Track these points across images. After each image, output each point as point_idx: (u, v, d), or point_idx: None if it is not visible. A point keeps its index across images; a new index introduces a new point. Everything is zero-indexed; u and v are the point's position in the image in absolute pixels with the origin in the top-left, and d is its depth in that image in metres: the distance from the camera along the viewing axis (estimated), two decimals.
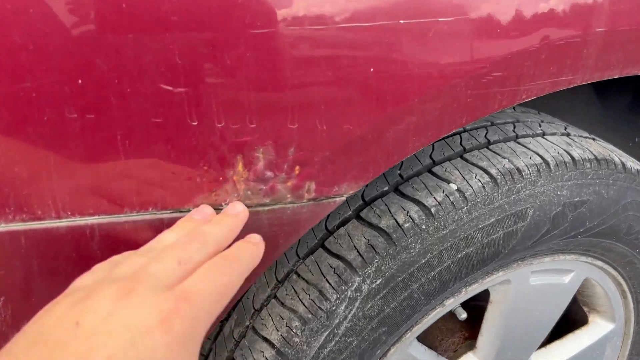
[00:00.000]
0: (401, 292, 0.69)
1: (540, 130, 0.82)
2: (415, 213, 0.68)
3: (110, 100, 0.43)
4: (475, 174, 0.72)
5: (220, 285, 0.43)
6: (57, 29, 0.40)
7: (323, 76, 0.48)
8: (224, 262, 0.45)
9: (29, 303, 0.48)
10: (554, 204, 0.75)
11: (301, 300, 0.69)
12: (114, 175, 0.45)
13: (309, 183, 0.52)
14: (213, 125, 0.46)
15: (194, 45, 0.43)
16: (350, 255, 0.68)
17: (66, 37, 0.40)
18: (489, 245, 0.72)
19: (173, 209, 0.48)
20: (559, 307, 0.91)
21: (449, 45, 0.51)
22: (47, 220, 0.45)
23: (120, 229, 0.47)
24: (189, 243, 0.45)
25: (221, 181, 0.49)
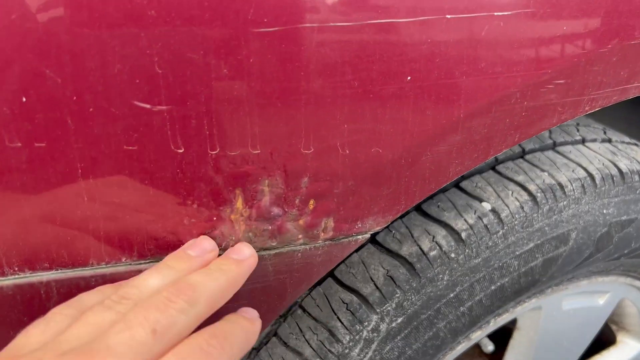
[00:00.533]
0: (425, 332, 0.59)
1: (579, 136, 0.72)
2: (443, 238, 0.58)
3: (67, 123, 0.32)
4: (512, 190, 0.61)
5: None
6: None
7: (347, 86, 0.37)
8: (210, 342, 0.35)
9: None
10: (599, 224, 0.65)
11: (307, 341, 0.58)
12: (74, 219, 0.34)
13: (326, 220, 0.41)
14: (204, 152, 0.35)
15: (178, 48, 0.32)
16: (366, 289, 0.58)
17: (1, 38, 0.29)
18: (526, 274, 0.62)
19: (153, 259, 0.37)
20: (591, 332, 0.82)
21: (505, 46, 0.40)
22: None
23: (84, 285, 0.36)
24: (171, 301, 0.34)
25: (215, 222, 0.38)
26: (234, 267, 0.38)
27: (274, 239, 0.40)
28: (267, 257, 0.41)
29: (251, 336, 0.39)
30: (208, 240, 0.40)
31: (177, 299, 0.34)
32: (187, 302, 0.35)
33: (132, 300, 0.35)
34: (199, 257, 0.38)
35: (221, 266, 0.38)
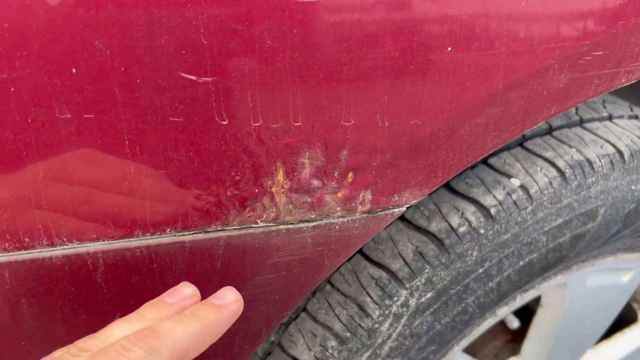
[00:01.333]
0: (454, 307, 0.60)
1: (606, 113, 0.71)
2: (472, 215, 0.58)
3: (115, 95, 0.32)
4: (540, 166, 0.61)
5: None
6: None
7: (387, 58, 0.37)
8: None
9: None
10: (628, 200, 0.65)
11: (337, 316, 0.59)
12: (120, 190, 0.35)
13: (365, 192, 0.41)
14: (248, 124, 0.35)
15: (224, 19, 0.32)
16: (395, 265, 0.58)
17: (48, 11, 0.29)
18: (554, 250, 0.62)
19: (197, 230, 0.38)
20: (614, 309, 0.82)
21: (543, 17, 0.40)
22: (38, 248, 0.35)
23: (130, 256, 0.37)
24: (127, 349, 0.32)
25: (257, 193, 0.38)
26: (211, 314, 0.35)
27: (313, 211, 0.40)
28: (305, 230, 0.41)
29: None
30: (189, 287, 0.37)
31: (134, 347, 0.32)
32: (146, 351, 0.32)
33: (90, 351, 0.32)
34: (176, 304, 0.36)
35: (197, 312, 0.35)
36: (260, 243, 0.40)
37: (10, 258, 0.35)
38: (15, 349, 0.39)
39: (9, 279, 0.35)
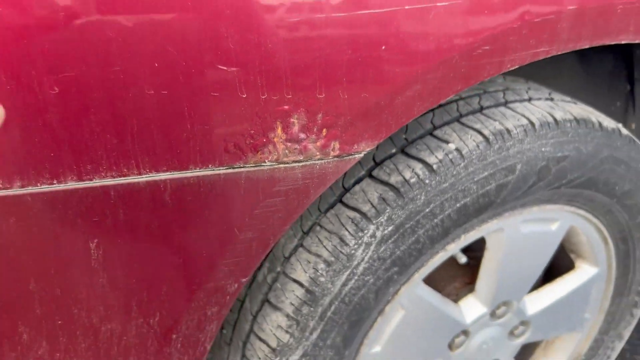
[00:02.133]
0: (409, 237, 0.82)
1: (527, 96, 0.94)
2: (420, 170, 0.80)
3: (179, 79, 0.54)
4: (471, 134, 0.83)
5: None
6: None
7: (345, 55, 0.59)
8: None
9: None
10: (539, 159, 0.87)
11: (325, 247, 0.81)
12: (182, 139, 0.57)
13: (334, 142, 0.63)
14: (258, 97, 0.58)
15: (242, 32, 0.55)
16: (365, 207, 0.80)
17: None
18: (484, 196, 0.84)
19: (227, 166, 0.60)
20: (548, 252, 1.04)
21: (446, 25, 0.62)
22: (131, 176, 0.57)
23: (186, 182, 0.59)
24: None
25: (265, 142, 0.60)
26: None
27: (301, 155, 0.63)
28: (297, 168, 0.63)
29: None
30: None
31: None
32: None
33: None
34: None
35: None
36: (268, 176, 0.62)
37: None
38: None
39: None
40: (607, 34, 0.74)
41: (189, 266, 0.64)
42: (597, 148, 0.93)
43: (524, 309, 1.09)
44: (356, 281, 0.81)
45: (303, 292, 0.81)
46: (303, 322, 0.81)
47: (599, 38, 0.73)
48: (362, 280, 0.82)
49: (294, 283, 0.82)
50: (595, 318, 1.23)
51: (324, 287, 0.80)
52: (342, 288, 0.81)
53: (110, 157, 0.55)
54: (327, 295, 0.81)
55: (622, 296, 1.20)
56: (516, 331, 1.12)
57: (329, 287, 0.80)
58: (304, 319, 0.81)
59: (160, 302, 0.65)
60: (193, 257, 0.64)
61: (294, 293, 0.81)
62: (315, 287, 0.80)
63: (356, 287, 0.82)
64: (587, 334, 1.25)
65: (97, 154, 0.55)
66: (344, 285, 0.81)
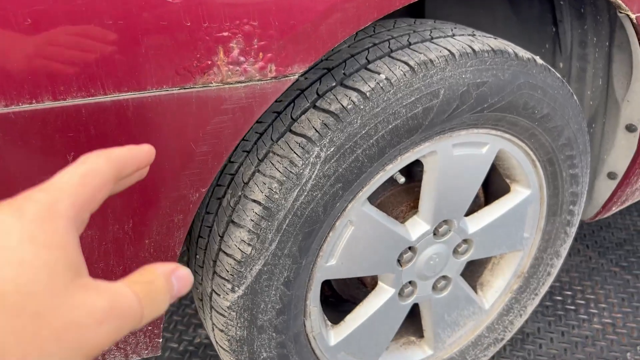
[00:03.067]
0: (349, 156, 0.94)
1: (451, 33, 1.06)
2: (355, 97, 0.93)
3: (133, 11, 0.66)
4: (398, 65, 0.96)
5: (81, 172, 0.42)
6: None
7: None
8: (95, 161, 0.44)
9: None
10: (460, 84, 1.00)
11: (277, 169, 0.93)
12: (140, 63, 0.69)
13: (271, 65, 0.75)
14: (200, 24, 0.69)
15: None
16: (310, 133, 0.92)
17: None
18: (412, 118, 0.97)
19: (179, 86, 0.72)
20: (480, 174, 1.17)
21: None
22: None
23: (146, 101, 0.71)
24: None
25: (210, 65, 0.72)
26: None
27: (243, 76, 0.74)
28: (240, 88, 0.75)
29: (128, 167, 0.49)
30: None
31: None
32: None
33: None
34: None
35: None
36: (215, 95, 0.74)
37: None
38: None
39: None
40: None
41: (155, 177, 0.76)
42: (513, 75, 1.06)
43: (465, 228, 1.23)
44: (306, 196, 0.94)
45: (261, 209, 0.93)
46: (262, 235, 0.94)
47: None
48: (311, 196, 0.94)
49: (253, 202, 0.94)
50: (534, 237, 1.37)
51: (279, 203, 0.93)
52: (294, 203, 0.93)
53: (79, 79, 0.67)
54: (282, 210, 0.93)
55: (556, 215, 1.35)
56: (459, 249, 1.25)
57: (283, 203, 0.93)
58: (263, 232, 0.94)
59: (132, 209, 0.77)
60: (158, 168, 0.75)
61: (253, 211, 0.94)
62: (271, 203, 0.93)
63: (306, 201, 0.94)
64: (527, 253, 1.40)
65: (68, 77, 0.66)
66: (296, 200, 0.93)
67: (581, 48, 1.37)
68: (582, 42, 1.35)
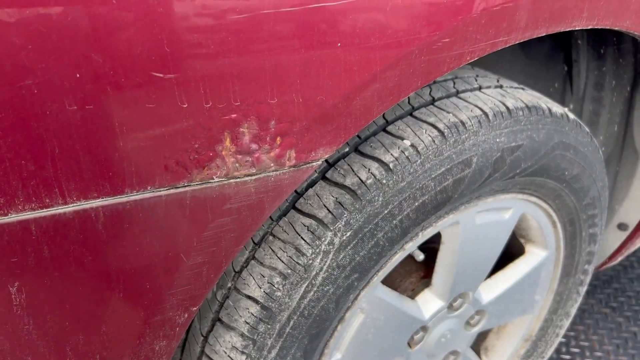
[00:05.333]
0: (369, 241, 0.77)
1: (477, 85, 0.91)
2: (376, 170, 0.75)
3: (106, 90, 0.46)
4: (425, 129, 0.79)
5: None
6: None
7: (298, 54, 0.52)
8: None
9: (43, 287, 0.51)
10: (494, 150, 0.84)
11: (280, 258, 0.75)
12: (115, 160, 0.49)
13: (290, 151, 0.57)
14: (201, 106, 0.50)
15: (179, 32, 0.47)
16: (321, 213, 0.74)
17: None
18: (441, 192, 0.81)
19: (169, 186, 0.52)
20: (501, 241, 1.03)
21: (404, 17, 0.57)
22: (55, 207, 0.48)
23: (122, 208, 0.51)
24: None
25: (211, 157, 0.53)
26: None
27: (254, 167, 0.56)
28: (249, 182, 0.56)
29: None
30: None
31: None
32: None
33: None
34: None
35: None
36: (217, 194, 0.55)
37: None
38: None
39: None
40: (562, 21, 0.71)
41: (131, 301, 0.56)
42: (548, 135, 0.91)
43: (479, 299, 1.08)
44: (315, 292, 0.76)
45: (258, 309, 0.74)
46: (260, 341, 0.75)
47: (555, 25, 0.70)
48: (322, 291, 0.76)
49: (248, 299, 0.75)
50: (545, 299, 1.24)
51: (281, 302, 0.74)
52: (300, 301, 0.75)
53: (27, 186, 0.46)
54: (285, 310, 0.75)
55: (570, 276, 1.22)
56: (472, 321, 1.11)
57: (287, 302, 0.74)
58: (260, 338, 0.75)
59: (99, 343, 0.57)
60: (135, 290, 0.56)
61: (248, 311, 0.75)
62: (272, 302, 0.74)
63: (316, 298, 0.76)
64: (537, 315, 1.27)
65: (11, 184, 0.45)
66: (303, 298, 0.75)
67: (596, 91, 1.24)
68: (599, 84, 1.23)
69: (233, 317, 0.76)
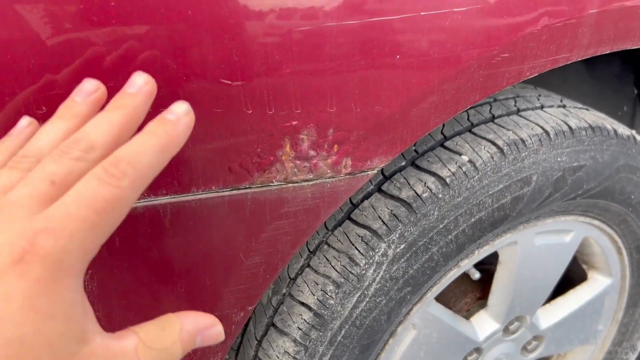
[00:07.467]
0: (422, 255, 0.77)
1: (539, 104, 0.90)
2: (432, 184, 0.76)
3: (178, 94, 0.50)
4: (484, 145, 0.79)
5: (98, 202, 0.34)
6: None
7: (357, 65, 0.55)
8: (110, 170, 0.35)
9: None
10: (555, 169, 0.83)
11: (333, 267, 0.76)
12: (184, 160, 0.52)
13: (346, 159, 0.59)
14: (264, 112, 0.53)
15: (246, 42, 0.50)
16: (375, 225, 0.76)
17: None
18: (499, 209, 0.80)
19: (232, 187, 0.55)
20: (562, 265, 1.00)
21: (463, 32, 0.58)
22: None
23: (187, 206, 0.54)
24: (65, 152, 0.36)
25: (272, 160, 0.56)
26: (129, 101, 0.39)
27: (311, 173, 0.58)
28: (306, 187, 0.59)
29: (175, 139, 0.39)
30: (89, 82, 0.41)
31: (71, 150, 0.36)
32: (83, 151, 0.36)
33: (33, 157, 0.37)
34: (82, 101, 0.41)
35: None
36: (276, 197, 0.58)
37: None
38: None
39: None
40: (629, 38, 0.70)
41: (191, 295, 0.59)
42: (613, 156, 0.89)
43: (537, 323, 1.05)
44: (367, 303, 0.77)
45: (311, 316, 0.76)
46: (312, 348, 0.77)
47: (621, 43, 0.70)
48: (374, 302, 0.77)
49: (302, 306, 0.77)
50: (609, 329, 1.19)
51: (334, 310, 0.76)
52: (352, 311, 0.76)
53: None
54: (337, 318, 0.76)
55: (637, 307, 1.17)
56: (529, 346, 1.07)
57: (339, 310, 0.76)
58: (312, 344, 0.77)
59: None
60: (195, 285, 0.59)
61: (301, 317, 0.77)
62: (324, 310, 0.76)
63: (367, 309, 0.77)
64: (600, 346, 1.21)
65: None
66: (355, 307, 0.76)
67: None
68: None
69: (287, 322, 0.78)
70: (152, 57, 0.48)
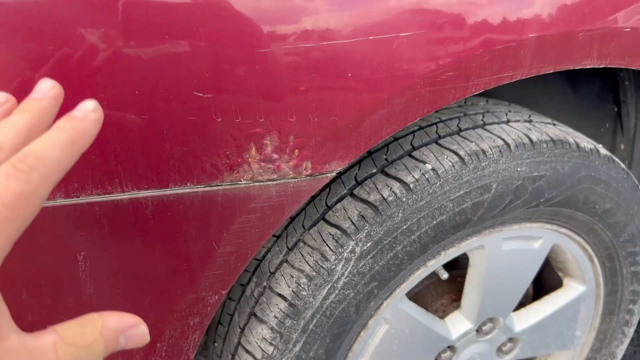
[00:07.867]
0: (387, 253, 0.85)
1: (505, 119, 0.98)
2: (397, 189, 0.84)
3: (158, 105, 0.60)
4: (447, 155, 0.87)
5: (8, 198, 0.34)
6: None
7: (314, 82, 0.64)
8: (18, 166, 0.35)
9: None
10: (515, 178, 0.90)
11: (307, 262, 0.85)
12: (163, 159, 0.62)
13: (306, 162, 0.68)
14: (232, 120, 0.63)
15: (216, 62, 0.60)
16: (345, 224, 0.84)
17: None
18: (460, 213, 0.88)
19: (205, 184, 0.65)
20: (531, 270, 1.06)
21: (409, 53, 0.67)
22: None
23: (166, 199, 0.64)
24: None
25: (240, 162, 0.65)
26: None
27: (275, 174, 0.67)
28: (271, 186, 0.68)
29: (83, 134, 0.39)
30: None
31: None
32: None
33: None
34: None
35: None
36: (244, 194, 0.67)
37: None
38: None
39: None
40: (571, 59, 0.78)
41: (171, 278, 0.68)
42: (574, 167, 0.96)
43: (511, 326, 1.11)
44: (337, 295, 0.85)
45: (286, 306, 0.84)
46: (286, 335, 0.85)
47: (563, 63, 0.77)
48: (343, 294, 0.85)
49: (278, 297, 0.86)
50: (587, 336, 1.24)
51: (306, 301, 0.84)
52: (323, 302, 0.85)
53: (94, 176, 0.60)
54: (309, 308, 0.84)
55: (613, 314, 1.22)
56: (504, 348, 1.13)
57: (311, 301, 0.84)
58: (287, 332, 0.85)
59: (144, 312, 0.69)
60: (175, 270, 0.68)
61: (277, 307, 0.85)
62: (298, 300, 0.84)
63: (337, 300, 0.85)
64: (579, 352, 1.26)
65: (83, 173, 0.60)
66: (325, 299, 0.85)
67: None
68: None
69: (265, 311, 0.87)
70: (137, 72, 0.58)
